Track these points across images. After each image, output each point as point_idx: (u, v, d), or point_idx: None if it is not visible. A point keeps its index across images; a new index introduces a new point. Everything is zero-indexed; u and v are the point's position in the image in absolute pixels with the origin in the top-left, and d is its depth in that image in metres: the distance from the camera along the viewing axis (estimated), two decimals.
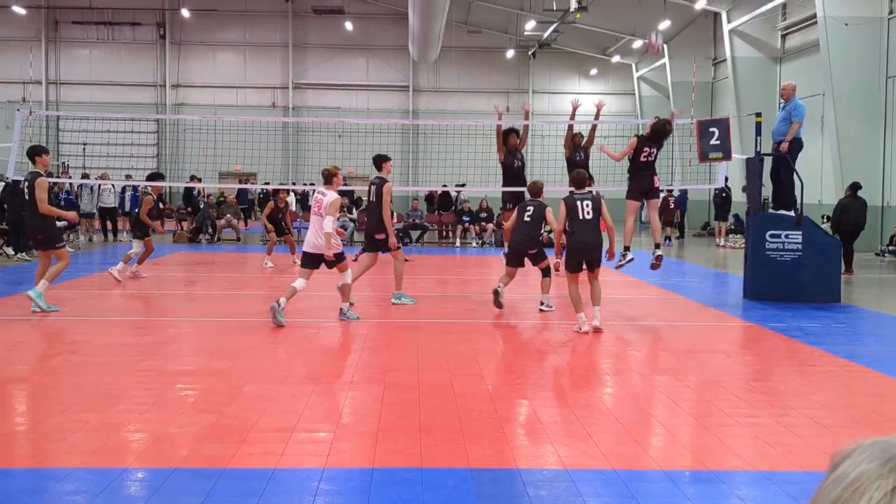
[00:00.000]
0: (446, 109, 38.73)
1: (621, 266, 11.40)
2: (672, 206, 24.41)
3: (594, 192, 10.20)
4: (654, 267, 11.29)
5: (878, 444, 1.00)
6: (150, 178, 16.29)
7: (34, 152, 10.42)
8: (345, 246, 8.83)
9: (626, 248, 11.24)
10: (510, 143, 12.77)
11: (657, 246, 11.39)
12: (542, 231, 11.32)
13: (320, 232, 9.34)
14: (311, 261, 9.59)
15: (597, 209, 9.11)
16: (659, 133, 11.03)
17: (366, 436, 5.24)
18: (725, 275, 16.35)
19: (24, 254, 16.54)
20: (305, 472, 4.60)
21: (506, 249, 11.54)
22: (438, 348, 8.14)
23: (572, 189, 9.59)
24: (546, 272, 10.81)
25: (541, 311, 10.64)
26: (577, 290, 9.14)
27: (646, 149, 10.97)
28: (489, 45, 38.79)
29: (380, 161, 11.18)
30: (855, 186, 16.74)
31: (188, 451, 4.87)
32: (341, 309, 9.76)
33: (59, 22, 38.56)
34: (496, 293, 10.46)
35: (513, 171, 12.85)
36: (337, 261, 9.49)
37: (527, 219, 10.46)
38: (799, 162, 12.41)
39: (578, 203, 9.09)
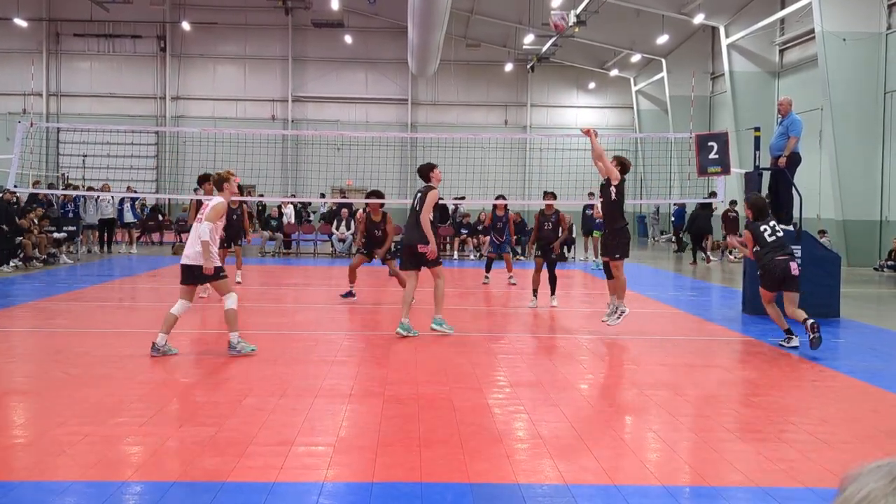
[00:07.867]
0: (445, 123, 38.84)
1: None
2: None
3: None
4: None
5: (885, 465, 1.03)
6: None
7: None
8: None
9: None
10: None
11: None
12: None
13: (196, 241, 8.09)
14: (190, 275, 8.22)
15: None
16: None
17: (365, 450, 5.23)
18: (724, 289, 16.36)
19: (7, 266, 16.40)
20: (305, 486, 4.60)
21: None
22: (436, 361, 8.13)
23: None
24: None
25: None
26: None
27: None
28: (488, 59, 38.92)
29: (427, 170, 10.00)
30: (714, 195, 17.42)
31: (187, 465, 4.86)
32: (230, 342, 8.16)
33: (60, 34, 38.67)
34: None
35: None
36: (215, 276, 8.15)
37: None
38: (797, 176, 12.45)
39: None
